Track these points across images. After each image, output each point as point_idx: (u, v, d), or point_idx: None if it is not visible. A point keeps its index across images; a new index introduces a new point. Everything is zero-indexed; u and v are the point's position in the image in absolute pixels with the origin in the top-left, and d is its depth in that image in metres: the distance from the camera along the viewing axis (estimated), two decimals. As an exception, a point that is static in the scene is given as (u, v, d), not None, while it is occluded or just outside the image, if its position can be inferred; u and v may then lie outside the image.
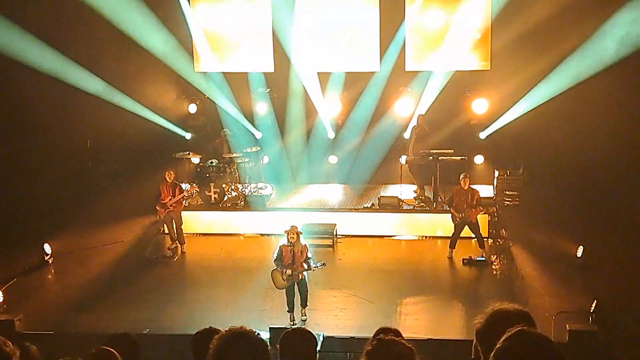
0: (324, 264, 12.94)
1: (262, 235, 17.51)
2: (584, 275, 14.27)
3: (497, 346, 3.27)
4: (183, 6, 18.95)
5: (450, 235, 15.91)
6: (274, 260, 12.79)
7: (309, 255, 12.72)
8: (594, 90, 16.08)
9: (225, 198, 18.14)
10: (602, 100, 16.07)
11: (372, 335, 5.36)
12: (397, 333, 5.36)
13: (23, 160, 16.42)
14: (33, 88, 15.83)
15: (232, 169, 18.49)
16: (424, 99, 18.64)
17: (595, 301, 12.27)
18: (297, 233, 12.72)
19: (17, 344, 4.87)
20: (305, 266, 12.63)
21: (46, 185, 16.49)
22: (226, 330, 3.79)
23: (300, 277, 12.68)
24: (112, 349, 5.18)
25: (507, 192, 17.87)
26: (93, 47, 17.28)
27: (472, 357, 4.87)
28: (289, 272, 12.59)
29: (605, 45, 16.04)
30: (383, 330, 5.39)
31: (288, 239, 12.65)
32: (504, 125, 18.06)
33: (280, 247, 12.79)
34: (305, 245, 12.79)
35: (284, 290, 12.80)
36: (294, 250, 12.59)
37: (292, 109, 19.61)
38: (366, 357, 4.20)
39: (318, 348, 5.33)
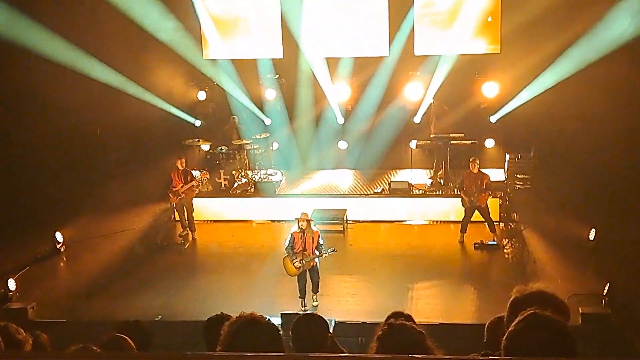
0: (334, 250, 12.93)
1: (272, 221, 17.51)
2: (597, 258, 14.21)
3: (510, 329, 3.26)
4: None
5: (462, 219, 15.90)
6: (286, 248, 12.81)
7: (321, 242, 12.73)
8: (606, 73, 15.95)
9: (236, 185, 18.15)
10: (614, 82, 15.94)
11: (383, 320, 5.35)
12: (409, 318, 5.35)
13: (34, 148, 16.45)
14: (43, 77, 15.83)
15: (241, 156, 18.48)
16: (433, 83, 18.52)
17: (608, 284, 12.24)
18: (307, 220, 12.73)
19: (29, 332, 4.89)
20: (317, 253, 12.64)
21: (57, 173, 16.52)
22: (237, 317, 3.79)
23: (311, 264, 12.69)
24: (125, 336, 5.20)
25: (518, 175, 17.81)
26: (102, 35, 17.26)
27: (484, 340, 4.86)
28: (300, 259, 12.60)
29: (617, 27, 15.90)
30: (395, 315, 5.39)
31: (299, 226, 12.66)
32: (515, 109, 17.93)
33: (291, 234, 12.81)
34: (316, 232, 12.81)
35: (296, 276, 12.81)
36: (305, 237, 12.60)
37: (301, 94, 19.55)
38: (377, 341, 4.20)
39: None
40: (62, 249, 15.80)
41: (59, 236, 15.76)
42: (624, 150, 16.09)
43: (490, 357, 4.00)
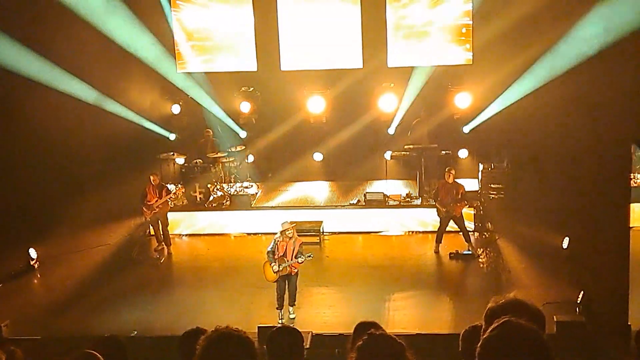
0: (310, 256, 12.89)
1: (248, 234, 17.50)
2: (571, 267, 14.31)
3: (484, 337, 3.28)
4: (164, 7, 18.83)
5: (437, 229, 15.98)
6: (267, 253, 12.80)
7: (301, 250, 12.75)
8: (576, 83, 16.11)
9: (211, 198, 18.13)
10: (584, 93, 16.10)
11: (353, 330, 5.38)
12: (377, 326, 5.35)
13: (6, 163, 16.28)
14: (16, 92, 15.70)
15: (217, 169, 18.46)
16: (407, 94, 18.63)
17: (582, 292, 12.33)
18: (292, 228, 12.76)
19: (2, 349, 4.85)
20: (295, 259, 12.64)
21: (30, 189, 16.36)
22: (212, 330, 3.79)
23: (289, 270, 12.68)
24: (94, 352, 5.16)
25: (492, 185, 17.89)
26: (75, 50, 17.14)
27: (460, 349, 4.89)
28: (279, 263, 12.60)
29: (586, 39, 16.08)
30: (364, 324, 5.40)
31: (286, 233, 12.66)
32: (488, 119, 18.07)
33: (275, 240, 12.81)
34: (299, 239, 12.87)
35: (275, 285, 12.79)
36: (287, 244, 12.62)
37: (275, 107, 19.58)
38: (357, 352, 4.19)
39: (306, 346, 5.34)
40: (36, 266, 15.68)
41: (32, 252, 15.64)
42: (596, 158, 16.23)
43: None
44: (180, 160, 19.03)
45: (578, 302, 12.30)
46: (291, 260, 12.65)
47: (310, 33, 18.96)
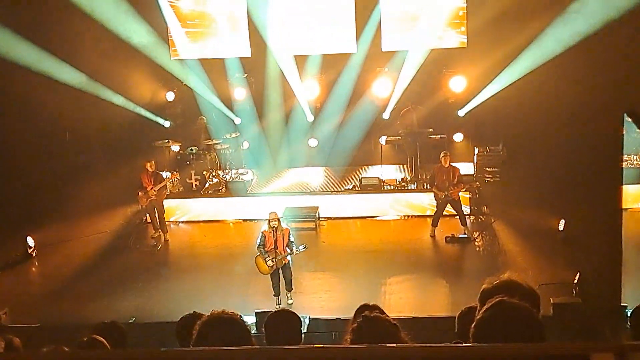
0: (305, 247, 12.98)
1: (245, 220, 17.52)
2: (566, 249, 14.37)
3: (478, 317, 3.31)
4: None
5: (433, 213, 16.01)
6: (257, 247, 12.82)
7: (292, 239, 12.78)
8: (571, 64, 16.11)
9: (207, 185, 18.13)
10: (580, 73, 16.10)
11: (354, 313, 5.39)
12: (378, 309, 5.39)
13: (1, 152, 16.27)
14: (10, 80, 15.67)
15: (212, 156, 18.45)
16: (401, 78, 18.58)
17: (579, 273, 12.38)
18: (277, 219, 12.76)
19: (1, 337, 4.87)
20: (288, 250, 12.68)
21: (27, 177, 16.37)
22: (208, 315, 3.82)
23: (284, 262, 12.72)
24: (101, 338, 5.20)
25: (487, 168, 17.92)
26: (68, 37, 17.12)
27: (456, 330, 4.93)
28: (272, 257, 12.62)
29: (581, 20, 16.06)
30: (365, 307, 5.43)
31: (269, 225, 12.68)
32: (483, 102, 18.04)
33: (262, 232, 12.83)
34: (287, 229, 12.85)
35: (269, 275, 12.83)
36: (276, 236, 12.63)
37: (270, 93, 19.51)
38: (351, 334, 4.23)
39: (304, 330, 5.37)
40: (34, 254, 15.70)
41: (30, 241, 15.66)
42: (591, 141, 16.25)
43: (459, 344, 4.04)
44: (175, 147, 19.01)
45: (574, 283, 12.34)
46: (283, 252, 12.68)
47: (303, 17, 18.90)
